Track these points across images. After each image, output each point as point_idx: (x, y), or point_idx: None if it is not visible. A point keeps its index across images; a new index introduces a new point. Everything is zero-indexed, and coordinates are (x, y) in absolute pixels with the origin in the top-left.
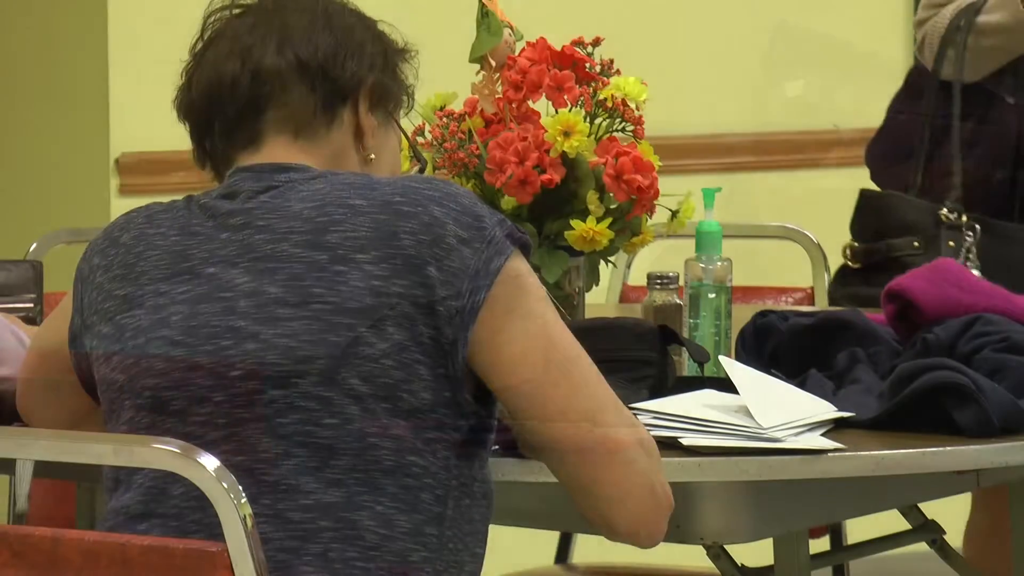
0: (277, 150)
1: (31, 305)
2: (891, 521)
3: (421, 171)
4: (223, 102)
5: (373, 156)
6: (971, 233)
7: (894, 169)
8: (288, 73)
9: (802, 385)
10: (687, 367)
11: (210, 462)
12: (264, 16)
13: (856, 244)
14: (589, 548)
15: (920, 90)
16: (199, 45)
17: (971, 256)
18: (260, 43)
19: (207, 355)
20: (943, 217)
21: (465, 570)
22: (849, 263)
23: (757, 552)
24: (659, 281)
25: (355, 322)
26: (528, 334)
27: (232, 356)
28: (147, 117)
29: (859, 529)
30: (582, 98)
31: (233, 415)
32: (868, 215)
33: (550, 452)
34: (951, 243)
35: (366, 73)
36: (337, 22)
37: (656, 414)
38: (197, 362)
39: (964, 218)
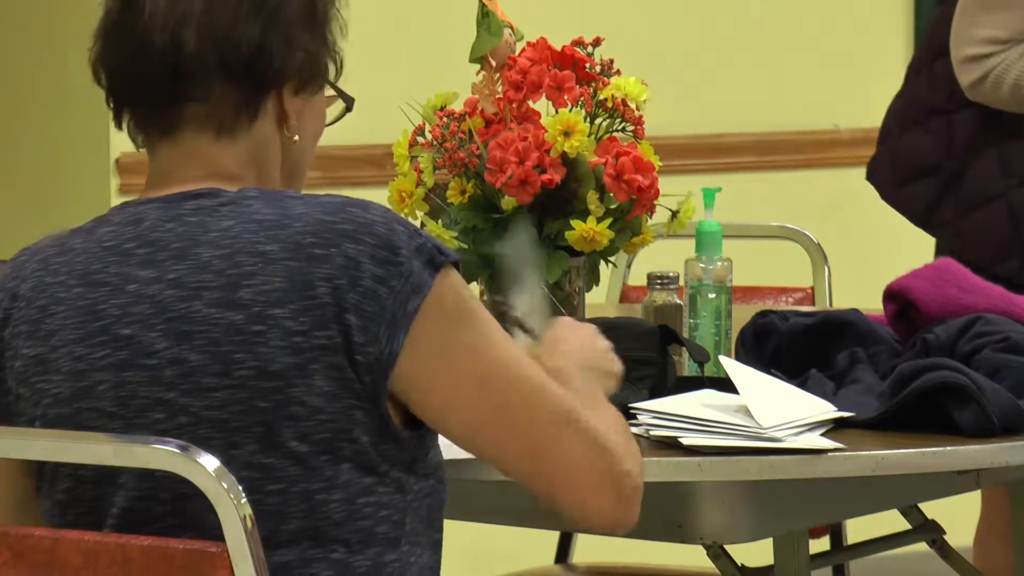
0: (196, 146)
1: None
2: (891, 521)
3: (348, 110)
4: (141, 78)
5: (297, 138)
6: None
7: (905, 191)
8: (210, 69)
9: (802, 385)
10: (687, 367)
11: (210, 462)
12: None
13: None
14: (589, 548)
15: (929, 108)
16: None
17: None
18: (183, 19)
19: (143, 429)
20: None
21: (426, 559)
22: None
23: (757, 552)
24: (659, 281)
25: (281, 384)
26: (454, 375)
27: (167, 431)
28: None
29: (859, 529)
30: (582, 98)
31: (176, 489)
32: None
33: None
34: None
35: (294, 58)
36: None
37: (656, 414)
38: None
39: None
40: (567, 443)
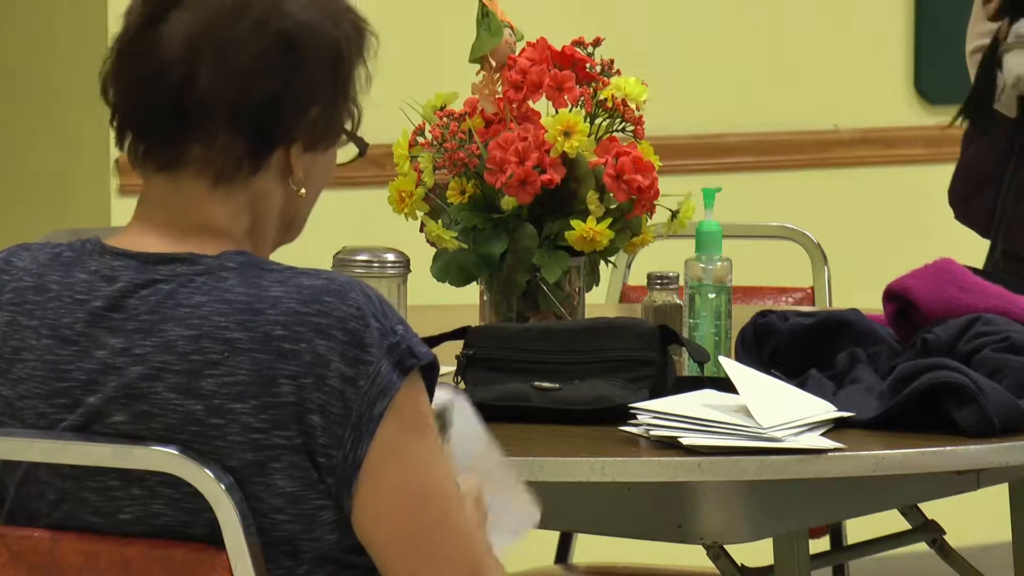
0: (190, 190)
1: None
2: (891, 521)
3: (361, 155)
4: (147, 108)
5: (303, 191)
6: None
7: (970, 204)
8: (218, 113)
9: (802, 385)
10: (687, 367)
11: (210, 464)
12: (209, 16)
13: None
14: (589, 548)
15: (983, 123)
16: (140, 6)
17: None
18: (200, 54)
19: (95, 494)
20: None
21: None
22: None
23: (757, 552)
24: (659, 281)
25: (237, 479)
26: (399, 484)
27: (120, 499)
28: None
29: (859, 529)
30: (582, 98)
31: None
32: None
33: None
34: None
35: (309, 115)
36: (288, 46)
37: (656, 414)
38: (86, 500)
39: None
40: None
